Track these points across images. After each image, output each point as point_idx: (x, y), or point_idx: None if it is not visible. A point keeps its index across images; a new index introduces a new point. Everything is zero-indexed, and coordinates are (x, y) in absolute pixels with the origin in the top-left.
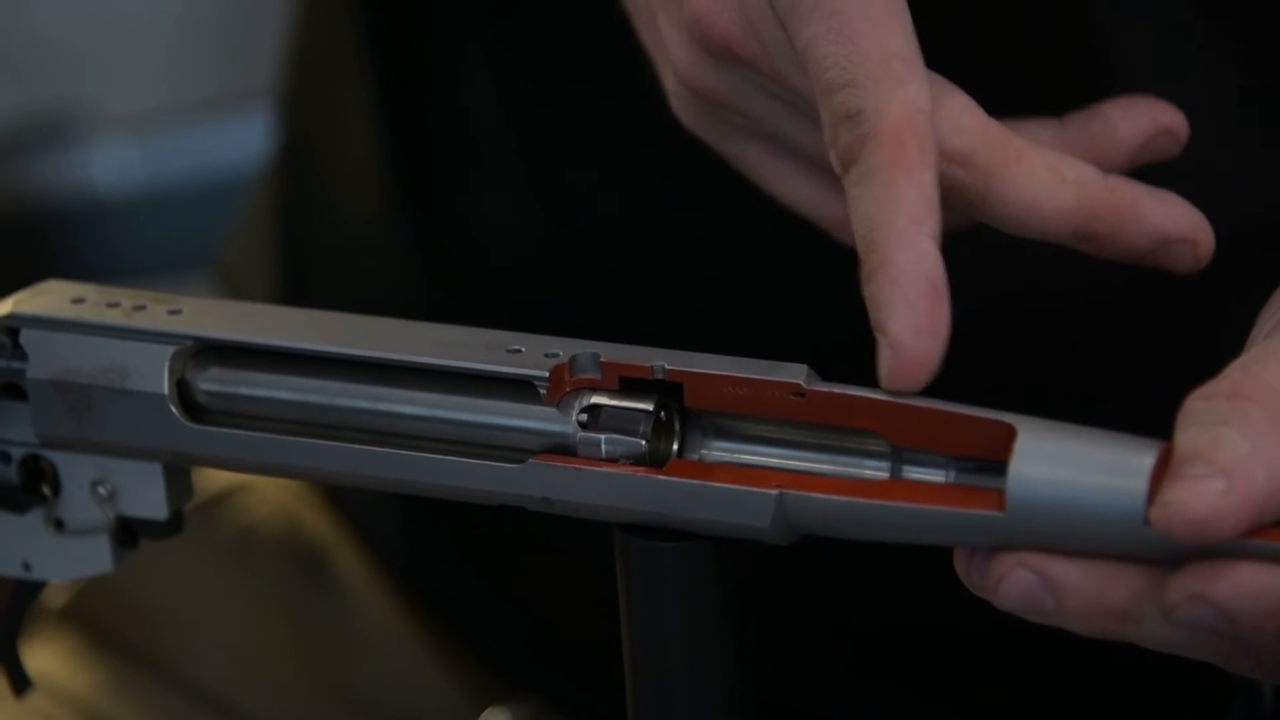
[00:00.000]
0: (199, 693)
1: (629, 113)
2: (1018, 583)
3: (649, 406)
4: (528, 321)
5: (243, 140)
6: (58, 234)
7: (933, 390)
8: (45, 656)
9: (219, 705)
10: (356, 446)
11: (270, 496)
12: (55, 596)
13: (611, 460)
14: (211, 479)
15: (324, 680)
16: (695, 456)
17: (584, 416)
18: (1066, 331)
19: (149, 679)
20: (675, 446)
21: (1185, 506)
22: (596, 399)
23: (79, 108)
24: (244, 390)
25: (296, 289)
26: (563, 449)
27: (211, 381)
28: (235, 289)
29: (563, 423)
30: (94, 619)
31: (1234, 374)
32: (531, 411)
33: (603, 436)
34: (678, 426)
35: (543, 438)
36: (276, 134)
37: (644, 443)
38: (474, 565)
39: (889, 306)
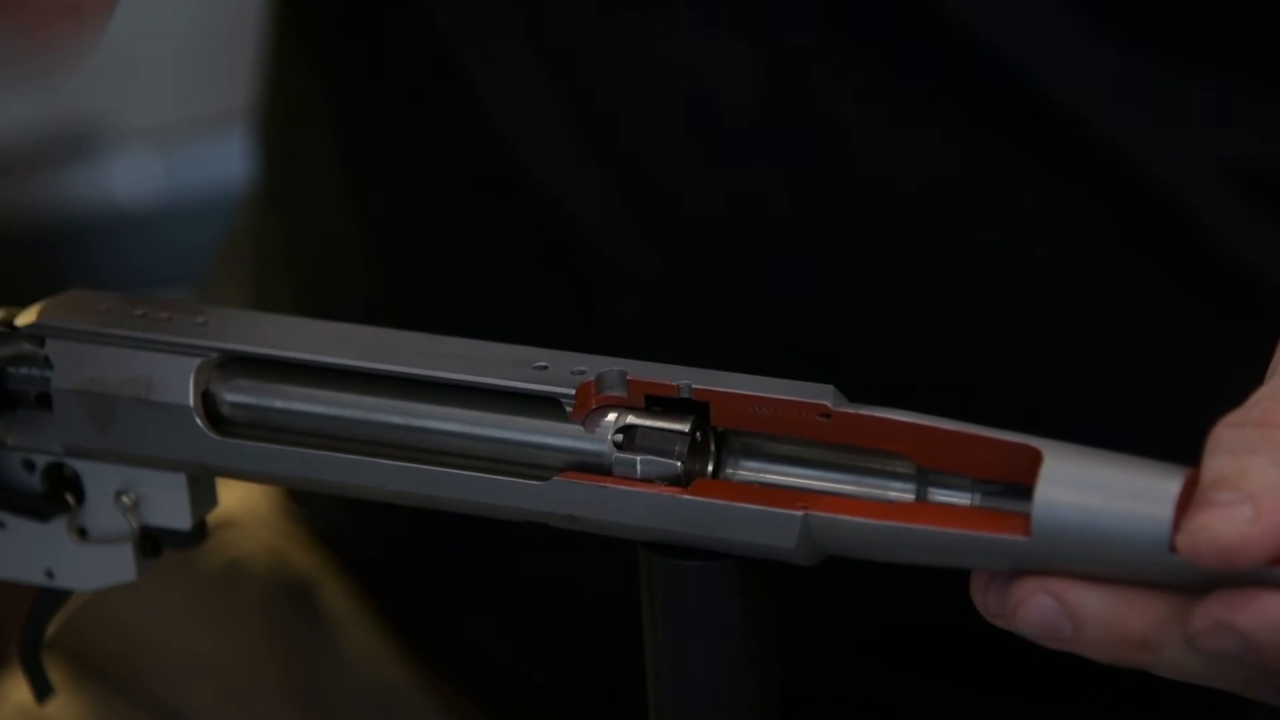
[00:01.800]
0: None
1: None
2: (1036, 608)
3: (684, 428)
4: None
5: None
6: (79, 245)
7: (958, 412)
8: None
9: None
10: (380, 461)
11: (255, 532)
12: None
13: (647, 480)
14: None
15: (309, 713)
16: (721, 476)
17: (619, 437)
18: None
19: (135, 711)
20: (710, 467)
21: (1213, 533)
22: (632, 419)
23: (101, 120)
24: (269, 403)
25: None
26: (597, 468)
27: (237, 393)
28: None
29: (596, 442)
30: (80, 651)
31: (1264, 402)
32: (557, 429)
33: (638, 458)
34: (713, 447)
35: (569, 455)
36: (254, 165)
37: (679, 464)
38: (460, 599)
39: None
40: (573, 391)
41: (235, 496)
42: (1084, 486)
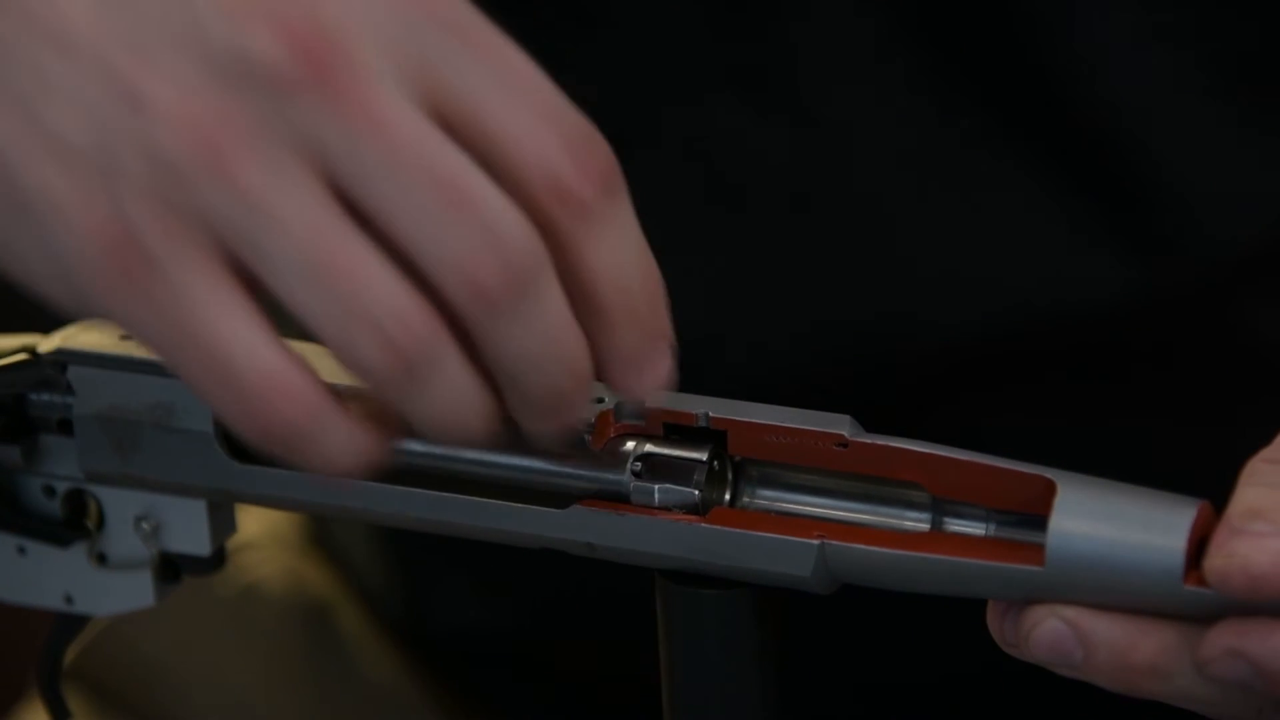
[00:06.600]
0: None
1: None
2: (1048, 632)
3: (702, 456)
4: None
5: None
6: None
7: (971, 441)
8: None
9: None
10: (399, 488)
11: (274, 555)
12: None
13: (664, 509)
14: None
15: None
16: (739, 504)
17: (638, 465)
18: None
19: None
20: (727, 496)
21: (1246, 560)
22: (651, 447)
23: None
24: None
25: None
26: (616, 496)
27: None
28: None
29: (615, 470)
30: (98, 679)
31: None
32: (576, 457)
33: (656, 486)
34: (730, 476)
35: (587, 483)
36: None
37: (697, 492)
38: (477, 620)
39: None
40: (592, 419)
41: (253, 518)
42: (1097, 517)
